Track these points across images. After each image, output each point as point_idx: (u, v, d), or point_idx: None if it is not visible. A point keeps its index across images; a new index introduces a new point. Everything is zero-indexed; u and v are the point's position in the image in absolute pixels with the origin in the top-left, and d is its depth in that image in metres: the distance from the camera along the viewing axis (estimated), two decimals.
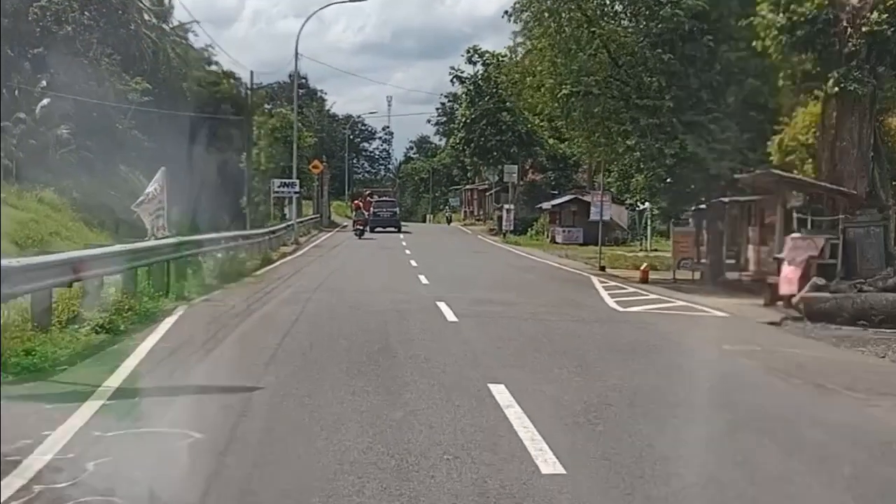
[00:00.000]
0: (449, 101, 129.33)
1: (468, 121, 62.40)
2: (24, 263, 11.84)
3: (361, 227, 53.16)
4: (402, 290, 22.09)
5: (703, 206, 28.68)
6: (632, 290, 24.21)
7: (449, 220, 71.87)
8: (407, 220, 77.61)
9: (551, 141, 66.26)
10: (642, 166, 29.16)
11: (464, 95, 63.80)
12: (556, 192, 65.23)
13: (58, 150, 51.89)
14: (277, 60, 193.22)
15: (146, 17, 61.02)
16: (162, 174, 20.93)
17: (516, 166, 56.83)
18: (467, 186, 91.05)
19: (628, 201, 50.94)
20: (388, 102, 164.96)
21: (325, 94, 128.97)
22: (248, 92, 45.01)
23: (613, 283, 25.95)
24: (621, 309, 19.30)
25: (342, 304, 18.38)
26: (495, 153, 62.11)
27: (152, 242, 18.71)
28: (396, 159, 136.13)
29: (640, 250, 45.74)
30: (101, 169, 55.55)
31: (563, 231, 52.93)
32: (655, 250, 45.63)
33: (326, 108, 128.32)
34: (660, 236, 52.20)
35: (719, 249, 28.47)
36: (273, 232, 36.83)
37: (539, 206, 58.43)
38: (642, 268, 27.12)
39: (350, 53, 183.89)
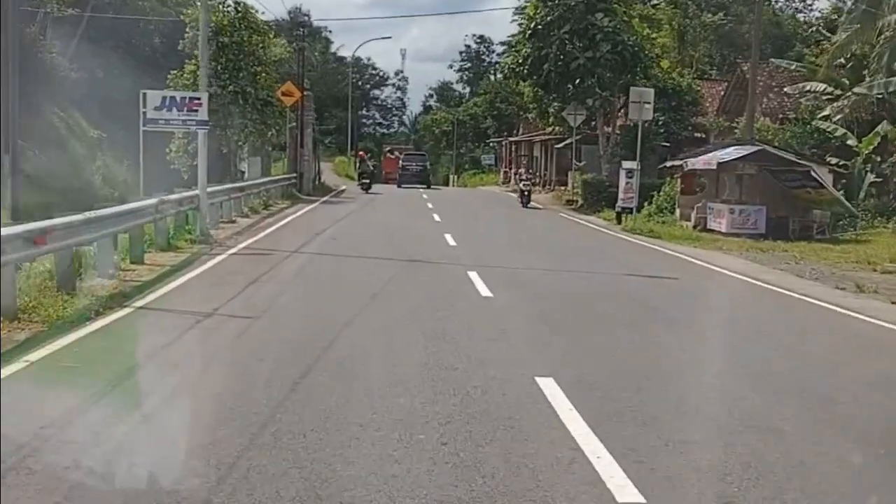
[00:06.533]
0: (477, 42, 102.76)
1: (540, 27, 35.18)
2: None
3: (368, 181, 42.49)
4: None
5: None
6: None
7: (526, 197, 35.05)
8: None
9: (665, 64, 39.26)
10: None
11: None
12: (667, 143, 38.28)
13: None
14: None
15: None
16: None
17: (652, 91, 29.65)
18: (511, 138, 63.78)
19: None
20: (402, 56, 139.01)
21: (331, 32, 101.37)
22: None
23: None
24: None
25: None
26: (580, 80, 35.14)
27: None
28: (412, 112, 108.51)
29: None
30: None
31: (732, 213, 26.20)
32: None
33: (332, 50, 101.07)
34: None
35: None
36: None
37: (665, 165, 31.70)
38: None
39: (362, 7, 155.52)
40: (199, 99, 17.87)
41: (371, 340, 9.15)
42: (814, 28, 39.50)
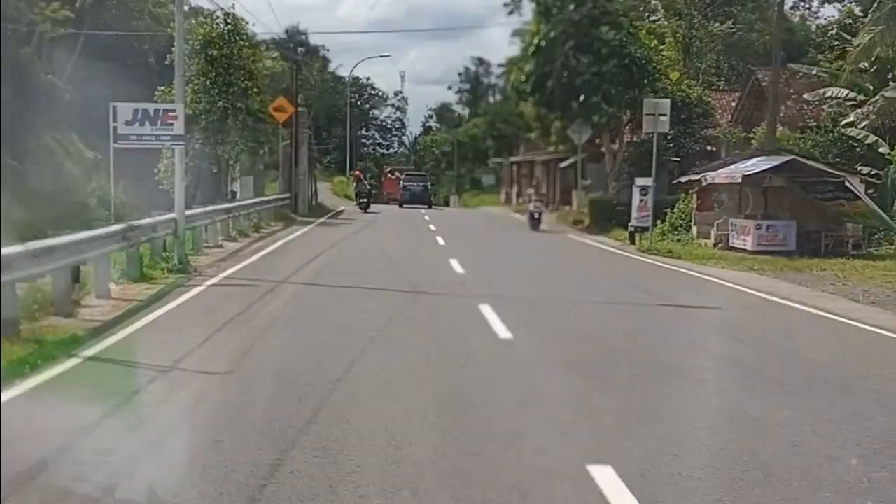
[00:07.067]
0: (476, 63, 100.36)
1: (543, 43, 33.21)
2: None
3: (366, 200, 41.98)
4: None
5: None
6: None
7: (536, 220, 31.26)
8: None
9: (675, 75, 37.35)
10: None
11: (535, 4, 34.64)
12: (678, 158, 36.30)
13: None
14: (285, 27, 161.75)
15: None
16: None
17: (668, 102, 27.69)
18: (512, 159, 61.75)
19: None
20: (402, 77, 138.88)
21: (328, 49, 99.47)
22: None
23: None
24: None
25: None
26: (585, 96, 33.12)
27: None
28: (412, 133, 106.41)
29: None
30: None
31: (758, 228, 24.12)
32: None
33: (330, 69, 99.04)
34: None
35: None
36: None
37: (679, 180, 29.69)
38: None
39: (362, 31, 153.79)
40: (173, 111, 15.71)
41: (366, 409, 7.02)
42: (832, 32, 37.49)
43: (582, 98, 33.53)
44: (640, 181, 26.23)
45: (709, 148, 38.76)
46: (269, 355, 9.10)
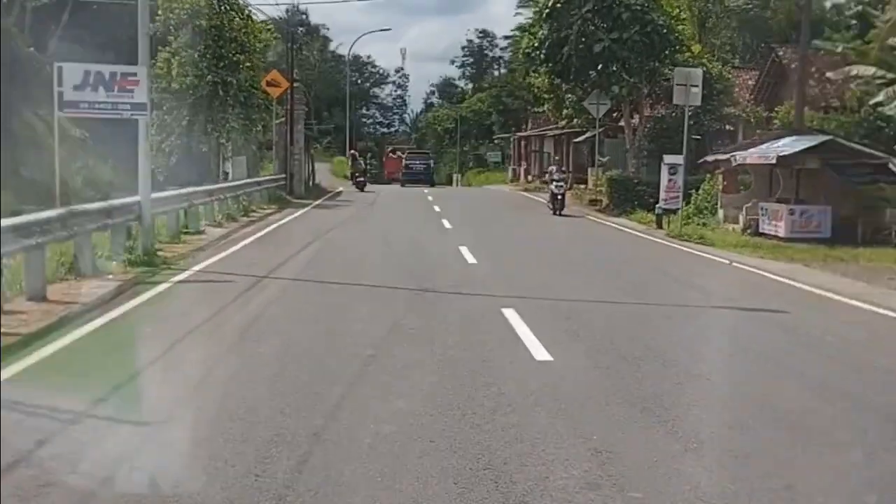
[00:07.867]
0: (479, 36, 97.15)
1: (559, 4, 30.50)
2: None
3: (362, 179, 41.38)
4: None
5: None
6: None
7: (559, 202, 27.76)
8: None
9: (696, 48, 34.67)
10: None
11: None
12: (699, 136, 33.65)
13: None
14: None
15: None
16: None
17: (700, 72, 25.07)
18: (520, 134, 58.86)
19: None
20: (402, 55, 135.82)
21: (328, 28, 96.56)
22: None
23: None
24: None
25: None
26: (603, 65, 30.44)
27: None
28: (413, 111, 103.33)
29: None
30: None
31: (792, 214, 21.55)
32: None
33: (330, 49, 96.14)
34: None
35: None
36: None
37: (705, 160, 27.09)
38: None
39: (362, 9, 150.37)
40: (133, 75, 13.06)
41: (356, 496, 4.52)
42: (857, 9, 34.86)
43: (600, 67, 30.79)
44: (669, 159, 23.67)
45: (728, 127, 36.24)
46: (227, 391, 6.58)
